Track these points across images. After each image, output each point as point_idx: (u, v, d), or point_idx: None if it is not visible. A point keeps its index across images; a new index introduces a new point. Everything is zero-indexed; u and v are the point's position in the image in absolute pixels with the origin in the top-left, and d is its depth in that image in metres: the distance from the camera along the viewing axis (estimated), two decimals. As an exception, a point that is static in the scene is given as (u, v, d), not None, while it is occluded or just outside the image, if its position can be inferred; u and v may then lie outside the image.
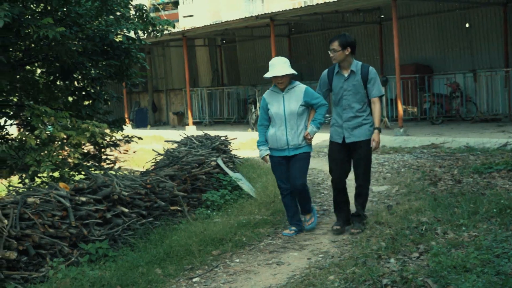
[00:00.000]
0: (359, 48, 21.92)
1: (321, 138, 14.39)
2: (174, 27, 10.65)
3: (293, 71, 6.73)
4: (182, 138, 11.20)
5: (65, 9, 9.04)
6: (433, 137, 13.87)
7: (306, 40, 23.31)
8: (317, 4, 17.31)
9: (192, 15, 27.82)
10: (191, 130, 19.76)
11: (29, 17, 8.34)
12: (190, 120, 22.75)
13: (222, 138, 11.09)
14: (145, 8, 10.20)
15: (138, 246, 6.59)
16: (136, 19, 9.98)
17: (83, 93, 10.33)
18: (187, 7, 29.28)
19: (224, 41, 27.03)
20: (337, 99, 6.76)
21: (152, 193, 7.52)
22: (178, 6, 30.35)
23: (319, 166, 11.46)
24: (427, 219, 6.40)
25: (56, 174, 8.21)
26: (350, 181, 6.96)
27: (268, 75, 6.68)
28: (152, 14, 11.10)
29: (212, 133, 12.06)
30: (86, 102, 10.31)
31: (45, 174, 8.13)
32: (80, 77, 10.37)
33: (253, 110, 20.34)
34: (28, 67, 10.21)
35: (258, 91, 21.18)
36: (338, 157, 6.78)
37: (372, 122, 6.67)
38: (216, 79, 27.38)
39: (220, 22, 21.27)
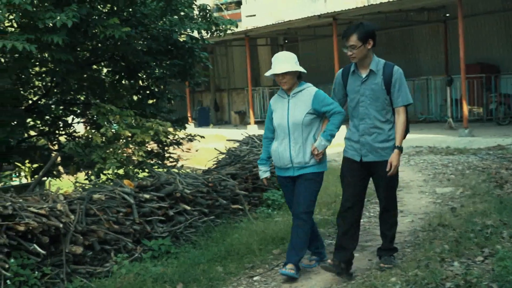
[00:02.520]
0: (423, 47, 21.65)
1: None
2: (236, 26, 10.71)
3: (299, 68, 5.48)
4: (244, 137, 11.23)
5: (130, 10, 9.21)
6: (499, 138, 13.52)
7: (369, 39, 22.94)
8: (381, 3, 17.09)
9: (254, 15, 27.85)
10: (253, 129, 19.84)
11: (96, 17, 8.53)
12: (252, 119, 22.85)
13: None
14: (208, 8, 10.29)
15: (199, 243, 6.66)
16: (200, 19, 10.08)
17: (148, 92, 10.51)
18: (250, 6, 29.33)
19: (286, 41, 27.02)
20: (352, 106, 5.42)
21: (214, 191, 7.58)
22: (241, 6, 30.46)
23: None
24: (493, 222, 6.24)
25: (121, 171, 8.37)
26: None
27: (267, 73, 5.56)
28: (215, 14, 11.18)
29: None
30: (150, 101, 10.49)
31: (110, 171, 8.30)
32: (144, 76, 10.55)
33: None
34: (94, 66, 10.45)
35: (320, 90, 21.05)
36: (352, 179, 5.44)
37: None
38: (277, 78, 27.34)
39: (282, 21, 21.26)
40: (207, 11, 10.19)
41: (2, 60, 8.23)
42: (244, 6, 30.07)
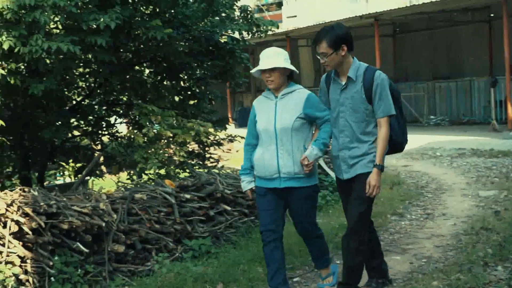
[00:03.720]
0: (466, 48, 21.34)
1: (426, 141, 14.09)
2: (277, 27, 10.71)
3: (289, 66, 4.84)
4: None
5: (172, 11, 9.30)
6: (545, 140, 13.25)
7: (412, 40, 22.83)
8: (424, 3, 16.91)
9: (295, 16, 27.84)
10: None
11: (139, 19, 8.63)
12: (292, 121, 22.79)
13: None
14: (249, 9, 10.32)
15: (239, 244, 6.67)
16: (241, 20, 10.11)
17: (189, 92, 10.58)
18: (291, 7, 29.33)
19: (327, 41, 26.90)
20: (334, 116, 4.84)
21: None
22: (282, 7, 30.47)
23: (423, 169, 11.22)
24: (538, 226, 6.13)
25: (162, 171, 8.45)
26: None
27: (253, 70, 4.91)
28: (256, 15, 11.20)
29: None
30: (192, 102, 10.55)
31: (151, 171, 8.39)
32: (186, 77, 10.63)
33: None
34: (137, 67, 10.57)
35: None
36: (344, 198, 5.04)
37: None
38: (318, 79, 27.33)
39: (323, 22, 21.19)
40: (248, 12, 10.21)
41: (48, 61, 8.37)
42: (285, 7, 30.08)
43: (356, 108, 4.70)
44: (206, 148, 10.23)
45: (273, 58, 4.78)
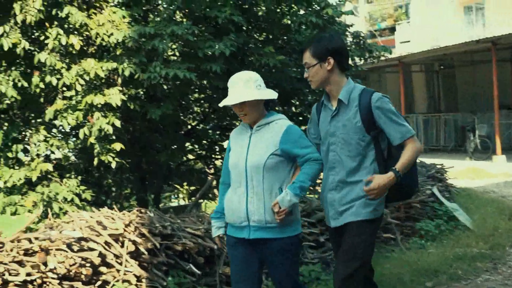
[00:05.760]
0: None
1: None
2: (390, 53, 10.62)
3: (262, 95, 3.91)
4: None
5: (285, 37, 9.42)
6: None
7: (532, 64, 21.91)
8: (546, 26, 16.22)
9: (409, 41, 27.48)
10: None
11: (252, 45, 8.81)
12: (405, 147, 22.36)
13: (438, 166, 10.76)
14: (362, 34, 10.29)
15: (349, 271, 6.58)
16: (353, 46, 10.10)
17: (300, 118, 10.64)
18: (404, 32, 28.99)
19: (442, 67, 26.32)
20: (324, 150, 4.00)
21: (365, 219, 7.48)
22: (395, 32, 30.18)
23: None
24: None
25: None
26: None
27: (221, 103, 3.97)
28: (368, 41, 11.15)
29: (428, 160, 11.75)
30: (303, 127, 10.59)
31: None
32: (297, 102, 10.70)
33: (471, 138, 19.53)
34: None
35: (477, 118, 20.24)
36: (335, 248, 4.14)
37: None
38: (432, 105, 26.71)
39: (437, 47, 20.76)
40: (361, 38, 10.19)
41: (165, 87, 8.70)
42: (398, 32, 29.79)
43: (349, 140, 3.86)
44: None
45: (242, 88, 3.87)
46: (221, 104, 3.93)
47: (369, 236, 3.85)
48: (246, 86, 3.85)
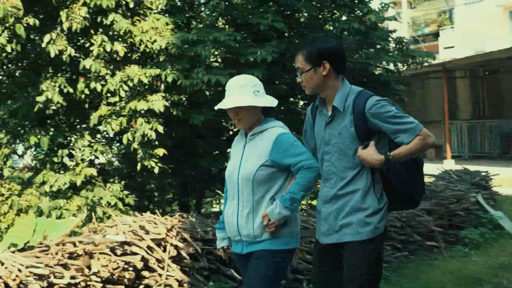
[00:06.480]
0: None
1: None
2: (434, 58, 10.52)
3: (258, 101, 3.62)
4: (440, 172, 10.92)
5: (327, 43, 9.40)
6: None
7: None
8: None
9: (453, 47, 27.15)
10: (449, 164, 19.16)
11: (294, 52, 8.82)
12: (449, 154, 22.08)
13: (483, 174, 10.60)
14: (405, 40, 10.22)
15: (390, 278, 6.52)
16: (396, 52, 10.03)
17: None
18: (448, 38, 28.66)
19: (486, 73, 25.92)
20: (320, 158, 3.63)
21: (408, 226, 7.41)
22: (439, 38, 29.84)
23: None
24: None
25: (315, 202, 8.48)
26: None
27: (216, 107, 3.69)
28: (411, 46, 11.07)
29: (472, 167, 11.58)
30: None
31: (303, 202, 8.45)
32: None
33: (517, 145, 19.21)
34: (291, 99, 10.75)
35: (523, 125, 19.89)
36: (318, 267, 3.71)
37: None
38: (477, 111, 26.31)
39: (482, 53, 20.45)
40: (403, 43, 10.12)
41: (207, 93, 8.76)
42: (442, 37, 29.46)
43: (345, 150, 3.48)
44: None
45: (237, 92, 3.60)
46: (216, 108, 3.69)
47: (371, 255, 3.55)
48: (241, 91, 3.59)
